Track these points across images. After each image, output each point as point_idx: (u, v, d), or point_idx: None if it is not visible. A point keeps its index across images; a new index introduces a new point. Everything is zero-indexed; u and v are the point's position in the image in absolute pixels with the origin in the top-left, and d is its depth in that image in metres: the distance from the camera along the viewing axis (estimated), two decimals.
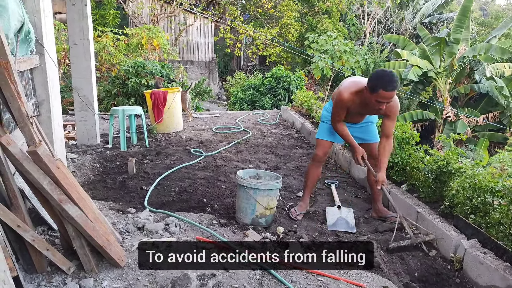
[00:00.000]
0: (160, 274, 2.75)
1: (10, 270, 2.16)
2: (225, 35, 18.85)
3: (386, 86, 3.25)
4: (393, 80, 3.26)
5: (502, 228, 3.09)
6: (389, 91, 3.26)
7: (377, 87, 3.29)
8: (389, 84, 3.25)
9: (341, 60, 15.07)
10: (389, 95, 3.29)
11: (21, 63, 3.29)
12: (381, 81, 3.28)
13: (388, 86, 3.25)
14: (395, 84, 3.26)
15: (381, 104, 3.37)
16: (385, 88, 3.26)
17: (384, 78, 3.28)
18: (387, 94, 3.28)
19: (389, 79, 3.26)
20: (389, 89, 3.26)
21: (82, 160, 5.25)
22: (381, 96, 3.30)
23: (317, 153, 4.02)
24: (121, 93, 9.12)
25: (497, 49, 14.00)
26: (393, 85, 3.25)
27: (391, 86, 3.25)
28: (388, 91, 3.26)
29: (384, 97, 3.31)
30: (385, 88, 3.26)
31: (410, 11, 22.66)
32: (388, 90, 3.26)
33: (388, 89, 3.26)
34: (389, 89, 3.26)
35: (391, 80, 3.26)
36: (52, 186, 2.48)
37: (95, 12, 14.53)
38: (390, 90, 3.26)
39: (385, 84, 3.25)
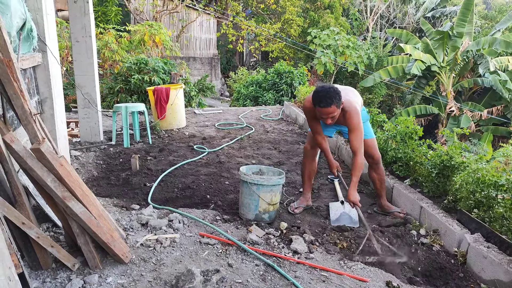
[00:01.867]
0: (164, 270, 2.77)
1: (15, 266, 2.18)
2: (227, 31, 18.82)
3: (319, 102, 3.37)
4: (326, 96, 3.33)
5: (506, 222, 3.09)
6: (322, 107, 3.36)
7: (314, 103, 3.44)
8: (321, 100, 3.35)
9: (344, 55, 15.03)
10: (324, 111, 3.38)
11: (23, 61, 3.30)
12: (315, 97, 3.41)
13: (321, 103, 3.36)
14: (329, 101, 3.32)
15: (324, 119, 3.49)
16: (318, 104, 3.38)
17: (317, 94, 3.40)
18: (323, 110, 3.38)
19: (322, 95, 3.35)
20: (322, 105, 3.36)
21: (85, 157, 5.27)
22: (319, 111, 3.43)
23: (305, 146, 4.15)
24: (124, 90, 9.12)
25: (501, 43, 13.92)
26: (326, 101, 3.33)
27: (323, 103, 3.34)
28: (321, 107, 3.37)
29: (322, 113, 3.41)
30: (318, 104, 3.38)
31: (413, 5, 22.54)
32: (321, 106, 3.37)
33: (321, 105, 3.36)
34: (322, 105, 3.36)
35: (324, 96, 3.34)
36: (56, 183, 2.50)
37: (97, 9, 14.53)
38: (323, 106, 3.35)
39: (318, 100, 3.38)
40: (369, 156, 3.95)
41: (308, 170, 4.15)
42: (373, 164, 4.02)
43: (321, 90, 3.38)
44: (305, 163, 4.15)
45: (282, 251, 3.15)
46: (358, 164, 3.53)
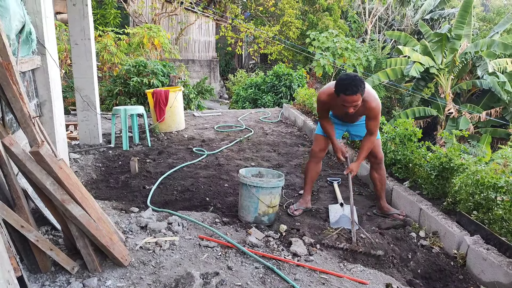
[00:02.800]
0: (164, 273, 2.76)
1: (14, 270, 2.17)
2: (226, 33, 18.84)
3: (345, 90, 3.29)
4: (352, 84, 3.27)
5: (505, 224, 3.09)
6: (348, 95, 3.29)
7: (338, 91, 3.35)
8: (347, 88, 3.27)
9: (342, 57, 15.06)
10: (350, 98, 3.30)
11: (22, 64, 3.29)
12: (341, 85, 3.32)
13: (347, 90, 3.28)
14: (354, 89, 3.26)
15: (347, 107, 3.40)
16: (344, 92, 3.30)
17: (342, 82, 3.32)
18: (348, 98, 3.31)
19: (348, 83, 3.28)
20: (348, 93, 3.28)
21: (84, 160, 5.26)
22: (342, 99, 3.35)
23: (313, 148, 4.09)
24: (123, 93, 9.12)
25: (499, 45, 13.95)
26: (352, 89, 3.26)
27: (349, 90, 3.27)
28: (347, 95, 3.29)
29: (346, 101, 3.34)
30: (344, 92, 3.30)
31: (411, 8, 22.60)
32: (347, 94, 3.29)
33: (347, 93, 3.29)
34: (348, 93, 3.28)
35: (350, 84, 3.27)
36: (55, 186, 2.49)
37: (96, 12, 14.53)
38: (349, 94, 3.28)
39: (344, 88, 3.30)
40: (373, 155, 3.96)
41: (312, 172, 4.11)
42: (375, 163, 4.02)
43: (347, 78, 3.32)
44: (310, 166, 4.11)
45: (281, 253, 3.15)
46: (372, 143, 3.71)
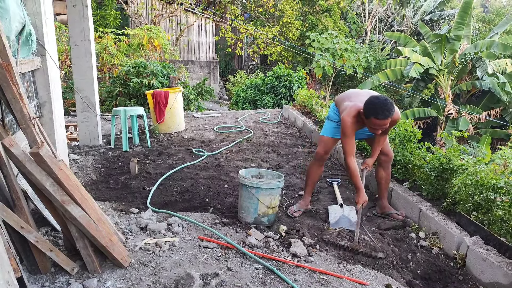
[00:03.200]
0: (164, 274, 2.76)
1: (14, 271, 2.17)
2: (226, 34, 18.85)
3: (377, 114, 3.26)
4: (384, 109, 3.24)
5: (505, 224, 3.09)
6: (380, 119, 3.26)
7: (369, 114, 3.31)
8: (380, 113, 3.24)
9: (342, 58, 15.06)
10: (381, 122, 3.28)
11: (22, 65, 3.30)
12: (373, 108, 3.28)
13: (379, 115, 3.25)
14: (387, 113, 3.24)
15: (375, 130, 3.38)
16: (376, 116, 3.27)
17: (376, 105, 3.27)
18: (379, 122, 3.28)
19: (380, 107, 3.24)
20: (380, 118, 3.25)
21: (84, 161, 5.27)
22: (373, 123, 3.32)
23: (318, 151, 4.01)
24: (122, 94, 9.13)
25: (499, 46, 13.97)
26: (385, 113, 3.24)
27: (382, 115, 3.24)
28: (379, 119, 3.26)
29: (376, 124, 3.31)
30: (376, 116, 3.27)
31: (411, 9, 22.63)
32: (379, 119, 3.26)
33: (379, 118, 3.26)
34: (380, 118, 3.25)
35: (382, 108, 3.24)
36: (55, 187, 2.49)
37: (96, 13, 14.56)
38: (381, 119, 3.26)
39: (376, 112, 3.26)
40: (384, 153, 3.96)
41: (315, 175, 4.07)
42: (385, 162, 4.01)
43: (379, 102, 3.26)
44: (313, 168, 4.06)
45: (281, 254, 3.15)
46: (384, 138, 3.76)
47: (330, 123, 4.00)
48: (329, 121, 4.02)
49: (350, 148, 3.56)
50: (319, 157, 4.00)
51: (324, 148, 3.98)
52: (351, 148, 3.56)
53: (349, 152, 3.56)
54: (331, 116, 4.00)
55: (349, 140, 3.54)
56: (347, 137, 3.53)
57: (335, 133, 3.94)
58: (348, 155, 3.57)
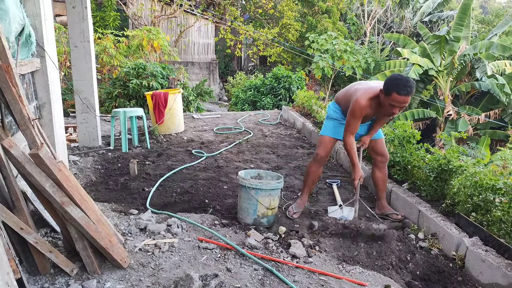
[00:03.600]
0: (163, 275, 2.77)
1: (14, 272, 2.17)
2: (225, 35, 18.86)
3: (399, 89, 3.24)
4: (407, 85, 3.23)
5: (504, 225, 3.10)
6: (402, 95, 3.25)
7: (391, 90, 3.28)
8: (402, 88, 3.23)
9: (341, 60, 15.07)
10: (402, 99, 3.27)
11: (22, 66, 3.30)
12: (395, 84, 3.26)
13: (402, 90, 3.23)
14: (409, 89, 3.23)
15: (394, 108, 3.36)
16: (398, 91, 3.24)
17: (398, 81, 3.26)
18: (400, 98, 3.27)
19: (403, 83, 3.24)
20: (402, 93, 3.24)
21: (84, 162, 5.27)
22: (394, 99, 3.29)
23: (319, 152, 3.97)
24: (122, 95, 9.13)
25: (498, 47, 13.98)
26: (407, 89, 3.23)
27: (404, 90, 3.23)
28: (401, 95, 3.24)
29: (397, 101, 3.29)
30: (398, 91, 3.24)
31: (410, 10, 22.66)
32: (401, 94, 3.24)
33: (401, 93, 3.24)
34: (403, 93, 3.24)
35: (405, 84, 3.23)
36: (55, 188, 2.50)
37: (96, 14, 14.56)
38: (404, 94, 3.24)
39: (399, 87, 3.24)
40: (380, 154, 3.98)
41: (314, 176, 4.03)
42: (381, 162, 4.02)
43: (401, 78, 3.27)
44: (312, 169, 4.00)
45: (280, 255, 3.15)
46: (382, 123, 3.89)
47: (331, 121, 3.98)
48: (330, 119, 4.00)
49: (353, 128, 3.61)
50: (319, 158, 3.97)
51: (325, 149, 3.95)
52: (354, 128, 3.61)
53: (351, 131, 3.62)
54: (331, 115, 3.99)
55: (356, 121, 3.56)
56: (355, 118, 3.54)
57: (336, 133, 3.93)
58: (348, 133, 3.62)
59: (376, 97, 3.48)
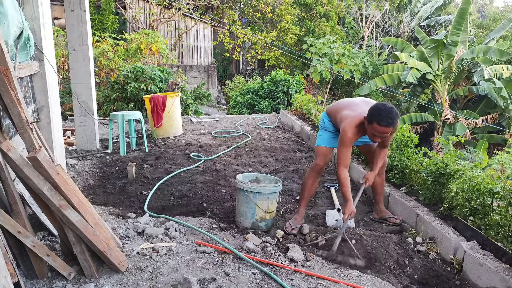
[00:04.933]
0: (161, 278, 2.76)
1: (11, 275, 2.17)
2: (224, 39, 18.89)
3: (380, 120, 3.20)
4: (389, 116, 3.19)
5: (501, 229, 3.10)
6: (382, 126, 3.21)
7: (372, 119, 3.25)
8: (384, 119, 3.19)
9: (339, 64, 15.11)
10: (383, 130, 3.24)
11: (20, 70, 3.30)
12: (377, 114, 3.23)
13: (382, 121, 3.20)
14: (390, 120, 3.19)
15: (375, 136, 3.34)
16: (379, 122, 3.21)
17: (381, 111, 3.22)
18: (381, 129, 3.24)
19: (385, 114, 3.20)
20: (382, 124, 3.20)
21: (81, 166, 5.26)
22: (374, 129, 3.27)
23: (318, 163, 3.85)
24: (120, 98, 9.13)
25: (496, 51, 14.05)
26: (388, 120, 3.19)
27: (385, 121, 3.19)
28: (381, 125, 3.21)
29: (377, 131, 3.26)
30: (379, 122, 3.21)
31: (408, 14, 22.73)
32: (381, 125, 3.21)
33: (381, 124, 3.20)
34: (383, 124, 3.20)
35: (387, 115, 3.19)
36: (52, 191, 2.49)
37: (94, 18, 14.58)
38: (384, 125, 3.21)
39: (380, 117, 3.20)
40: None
41: (312, 188, 3.92)
42: (381, 167, 4.01)
43: (385, 109, 3.22)
44: (310, 181, 3.88)
45: (278, 259, 3.15)
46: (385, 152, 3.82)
47: (326, 133, 3.93)
48: (325, 131, 3.95)
49: (346, 158, 3.50)
50: (318, 168, 3.86)
51: (324, 159, 3.88)
52: (346, 159, 3.51)
53: (344, 163, 3.50)
54: (326, 127, 3.94)
55: (346, 150, 3.49)
56: (345, 146, 3.47)
57: (333, 143, 3.90)
58: (341, 165, 3.51)
59: (360, 124, 3.45)
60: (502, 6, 30.50)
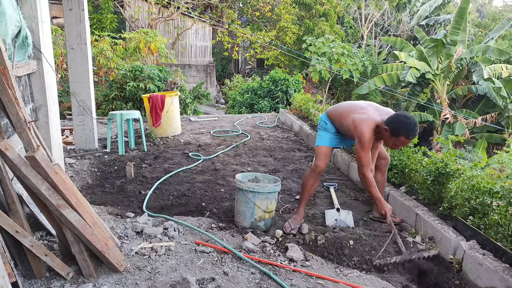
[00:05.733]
0: (159, 278, 2.75)
1: (9, 275, 2.16)
2: (222, 38, 18.88)
3: (409, 134, 3.30)
4: (415, 129, 3.30)
5: (501, 229, 3.10)
6: (410, 139, 3.34)
7: (400, 133, 3.33)
8: (412, 133, 3.30)
9: (339, 63, 15.10)
10: (409, 141, 3.38)
11: (18, 69, 3.29)
12: (405, 128, 3.30)
13: (411, 135, 3.30)
14: (416, 133, 3.32)
15: (397, 146, 3.46)
16: (407, 136, 3.31)
17: (408, 126, 3.30)
18: (407, 141, 3.36)
19: (411, 128, 3.29)
20: (411, 137, 3.32)
21: (80, 165, 5.25)
22: (401, 141, 3.37)
23: (320, 165, 3.80)
24: (119, 97, 9.11)
25: (495, 51, 14.05)
26: (415, 133, 3.31)
27: (413, 135, 3.31)
28: (410, 139, 3.32)
29: (404, 143, 3.38)
30: (407, 136, 3.31)
31: (407, 13, 22.73)
32: (410, 138, 3.32)
33: (410, 137, 3.32)
34: (411, 137, 3.32)
35: (413, 129, 3.29)
36: (50, 191, 2.48)
37: (93, 17, 14.55)
38: (412, 138, 3.33)
39: (408, 132, 3.30)
40: (384, 157, 3.99)
41: (312, 189, 3.90)
42: (385, 165, 4.03)
43: (410, 122, 3.30)
44: (310, 181, 3.84)
45: (278, 259, 3.14)
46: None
47: (327, 133, 3.89)
48: (326, 131, 3.90)
49: (368, 160, 3.55)
50: (319, 170, 3.83)
51: (325, 160, 3.84)
52: (368, 161, 3.55)
53: (367, 165, 3.54)
54: (328, 128, 3.89)
55: (367, 153, 3.53)
56: (366, 151, 3.50)
57: (334, 143, 3.89)
58: (366, 168, 3.53)
59: (376, 127, 3.48)
60: (501, 5, 30.54)
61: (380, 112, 3.55)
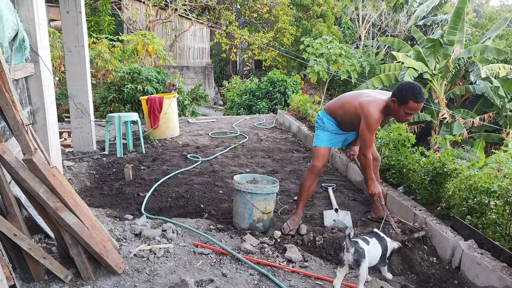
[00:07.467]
0: (158, 280, 2.75)
1: (7, 279, 2.16)
2: (220, 40, 18.88)
3: (416, 98, 3.30)
4: (421, 92, 3.32)
5: (499, 228, 3.10)
6: (419, 102, 3.32)
7: (406, 99, 3.33)
8: (418, 96, 3.30)
9: (336, 64, 15.12)
10: (418, 106, 3.34)
11: (16, 71, 3.29)
12: (411, 93, 3.31)
13: (418, 98, 3.30)
14: (423, 95, 3.33)
15: (410, 115, 3.43)
16: (415, 100, 3.30)
17: (413, 90, 3.31)
18: (417, 106, 3.33)
19: (417, 91, 3.31)
20: (419, 100, 3.31)
21: (78, 167, 5.24)
22: (410, 107, 3.35)
23: (317, 164, 3.81)
24: (117, 100, 9.11)
25: (492, 50, 14.07)
26: (423, 96, 3.32)
27: (420, 98, 3.31)
28: (418, 102, 3.31)
29: (414, 108, 3.36)
30: (415, 100, 3.30)
31: (405, 14, 22.79)
32: (418, 101, 3.31)
33: (418, 100, 3.31)
34: (419, 100, 3.31)
35: (419, 92, 3.31)
36: (48, 194, 2.48)
37: (90, 19, 14.55)
38: (420, 101, 3.32)
39: (415, 96, 3.30)
40: (375, 158, 3.99)
41: (310, 190, 3.89)
42: (376, 166, 4.02)
43: (415, 86, 3.33)
44: (308, 182, 3.84)
45: (276, 260, 3.15)
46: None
47: (325, 132, 3.88)
48: (324, 131, 3.89)
49: (372, 142, 3.60)
50: (317, 170, 3.83)
51: (322, 160, 3.84)
52: (372, 142, 3.62)
53: (370, 146, 3.60)
54: (326, 127, 3.88)
55: (372, 135, 3.56)
56: (372, 131, 3.52)
57: (332, 143, 3.90)
58: (368, 149, 3.59)
59: (384, 108, 3.50)
60: (498, 5, 30.60)
61: (385, 94, 3.59)
